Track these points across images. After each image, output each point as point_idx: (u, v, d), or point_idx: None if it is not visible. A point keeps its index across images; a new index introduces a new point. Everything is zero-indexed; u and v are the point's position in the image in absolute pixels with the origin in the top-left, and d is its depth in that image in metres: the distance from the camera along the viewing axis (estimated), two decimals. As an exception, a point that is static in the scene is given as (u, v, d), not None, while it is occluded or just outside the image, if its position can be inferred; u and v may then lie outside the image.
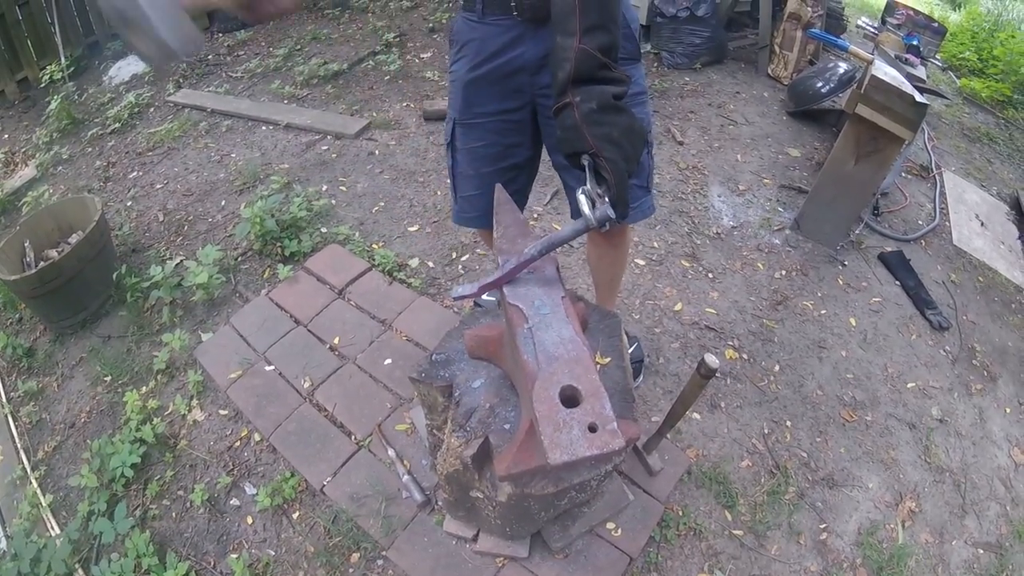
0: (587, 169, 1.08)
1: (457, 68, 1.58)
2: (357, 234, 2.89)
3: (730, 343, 2.47)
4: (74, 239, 2.71)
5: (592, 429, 0.92)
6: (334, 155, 3.50)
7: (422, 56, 4.54)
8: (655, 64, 4.37)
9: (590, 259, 2.08)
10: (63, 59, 4.40)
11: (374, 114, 3.84)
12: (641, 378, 2.28)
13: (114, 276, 2.64)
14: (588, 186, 1.06)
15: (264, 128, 3.81)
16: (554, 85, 1.11)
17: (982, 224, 3.43)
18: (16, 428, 2.37)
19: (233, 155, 3.59)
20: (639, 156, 1.12)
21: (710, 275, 2.76)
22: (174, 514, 2.00)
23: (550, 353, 1.03)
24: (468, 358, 1.50)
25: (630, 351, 2.25)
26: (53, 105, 3.99)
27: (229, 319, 2.52)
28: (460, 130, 1.66)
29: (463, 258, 2.76)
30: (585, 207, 1.05)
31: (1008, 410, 2.50)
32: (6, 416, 2.41)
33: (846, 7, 5.11)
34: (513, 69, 1.49)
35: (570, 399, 0.96)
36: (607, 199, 1.05)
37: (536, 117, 1.60)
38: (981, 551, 2.05)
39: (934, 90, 4.19)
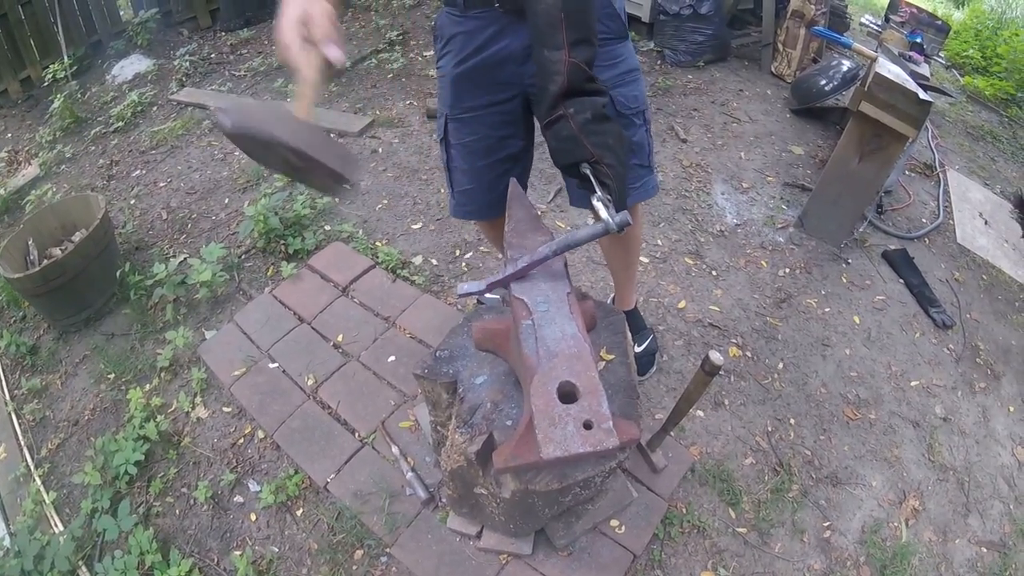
0: (591, 177, 1.10)
1: (444, 64, 1.56)
2: (360, 232, 2.89)
3: (734, 341, 2.46)
4: (77, 237, 2.71)
5: (587, 426, 0.92)
6: (337, 153, 3.49)
7: (425, 54, 4.53)
8: (658, 62, 4.36)
9: (605, 253, 2.12)
10: (66, 58, 4.39)
11: (377, 112, 3.84)
12: (655, 368, 2.29)
13: (118, 274, 2.64)
14: (599, 193, 1.08)
15: (267, 126, 3.80)
16: (543, 99, 1.13)
17: (986, 223, 3.42)
18: (20, 425, 2.38)
19: (236, 153, 3.58)
20: (630, 161, 1.17)
21: (714, 273, 2.75)
22: (177, 511, 2.00)
23: (551, 348, 1.03)
24: (472, 355, 1.50)
25: (646, 343, 2.27)
26: (56, 104, 3.99)
27: (233, 317, 2.52)
28: (452, 125, 1.64)
29: (467, 255, 2.76)
30: (604, 212, 1.06)
31: (1011, 409, 2.50)
32: (10, 414, 2.42)
33: (849, 4, 5.09)
34: (499, 60, 1.47)
35: (568, 395, 0.97)
36: (612, 202, 1.08)
37: (528, 107, 1.59)
38: (985, 550, 2.04)
39: (938, 88, 4.18)
